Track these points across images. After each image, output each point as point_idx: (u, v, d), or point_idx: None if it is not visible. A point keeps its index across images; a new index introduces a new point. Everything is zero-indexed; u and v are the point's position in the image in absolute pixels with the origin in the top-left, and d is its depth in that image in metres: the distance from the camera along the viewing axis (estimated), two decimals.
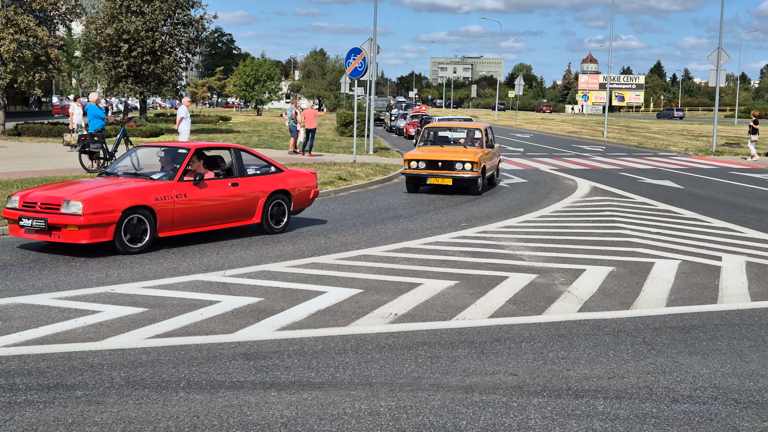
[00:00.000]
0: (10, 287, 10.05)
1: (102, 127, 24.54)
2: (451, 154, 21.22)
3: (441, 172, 20.68)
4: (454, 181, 20.68)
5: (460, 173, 20.55)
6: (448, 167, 20.70)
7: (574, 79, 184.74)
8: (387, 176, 24.69)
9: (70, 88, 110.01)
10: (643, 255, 12.82)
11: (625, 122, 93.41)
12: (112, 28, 47.17)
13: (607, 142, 50.34)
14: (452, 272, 11.33)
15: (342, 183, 22.15)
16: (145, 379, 6.86)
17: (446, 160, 20.76)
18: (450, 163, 20.72)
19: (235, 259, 12.13)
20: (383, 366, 7.32)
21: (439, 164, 20.80)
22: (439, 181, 20.77)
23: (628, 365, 7.48)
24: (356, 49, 30.63)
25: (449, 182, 20.69)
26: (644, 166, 31.96)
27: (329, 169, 25.42)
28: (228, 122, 65.80)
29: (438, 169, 20.73)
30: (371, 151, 34.59)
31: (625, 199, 20.31)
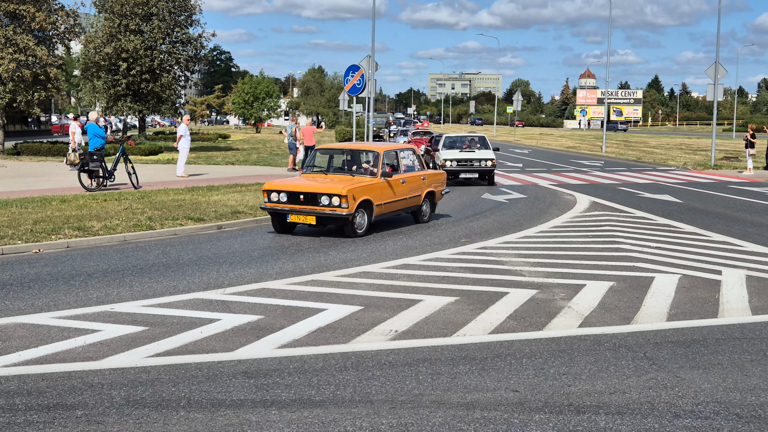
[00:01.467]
0: (9, 306, 10.04)
1: (101, 146, 24.56)
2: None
3: None
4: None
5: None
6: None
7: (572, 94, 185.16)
8: None
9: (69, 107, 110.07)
10: (643, 269, 12.81)
11: (623, 137, 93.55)
12: (110, 47, 47.28)
13: (605, 157, 50.40)
14: (452, 288, 11.32)
15: None
16: (145, 399, 6.84)
17: None
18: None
19: (235, 276, 12.12)
20: (384, 383, 7.30)
21: None
22: None
23: (630, 380, 7.46)
24: (355, 66, 30.72)
25: None
26: (643, 180, 31.99)
27: None
28: (227, 140, 65.87)
29: None
30: None
31: (625, 214, 20.31)
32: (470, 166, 28.70)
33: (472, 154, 29.15)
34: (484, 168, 28.58)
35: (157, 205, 19.71)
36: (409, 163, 18.58)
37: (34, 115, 49.95)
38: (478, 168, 28.64)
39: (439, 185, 19.22)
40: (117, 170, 25.09)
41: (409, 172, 18.17)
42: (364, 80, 30.47)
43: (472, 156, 28.92)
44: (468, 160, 28.71)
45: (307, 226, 16.56)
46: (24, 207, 18.72)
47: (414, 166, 18.61)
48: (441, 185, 19.37)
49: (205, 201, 20.67)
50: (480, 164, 28.59)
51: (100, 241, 15.11)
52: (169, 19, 49.45)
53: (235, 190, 23.49)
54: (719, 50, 40.60)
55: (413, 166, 18.60)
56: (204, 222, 17.28)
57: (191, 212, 18.37)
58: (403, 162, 18.24)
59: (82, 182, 23.39)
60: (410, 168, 18.39)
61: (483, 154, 29.01)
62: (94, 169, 23.57)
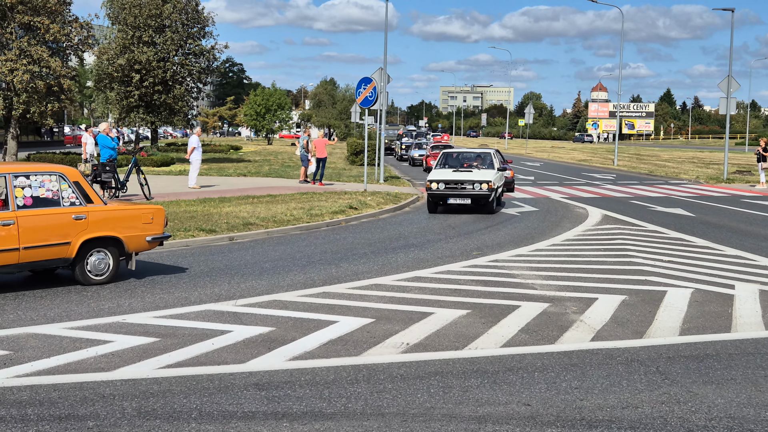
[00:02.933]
0: (22, 317, 10.06)
1: (113, 157, 24.64)
2: None
3: None
4: None
5: None
6: None
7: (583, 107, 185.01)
8: (398, 205, 24.71)
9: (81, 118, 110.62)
10: (656, 283, 12.76)
11: (635, 150, 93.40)
12: (123, 59, 47.49)
13: (617, 170, 50.33)
14: (464, 301, 11.30)
15: (353, 212, 22.17)
16: (157, 410, 6.84)
17: None
18: None
19: (247, 288, 12.12)
20: (395, 396, 7.29)
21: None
22: None
23: (642, 395, 7.42)
24: (367, 78, 30.77)
25: None
26: (655, 194, 31.91)
27: (340, 198, 25.46)
28: (239, 151, 66.01)
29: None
30: (382, 180, 34.65)
31: (637, 227, 20.26)
32: (461, 189, 23.13)
33: (467, 174, 23.68)
34: (478, 193, 22.97)
35: (169, 216, 19.74)
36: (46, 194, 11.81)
37: (47, 126, 50.18)
38: (471, 193, 23.01)
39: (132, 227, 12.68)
40: (129, 181, 25.17)
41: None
42: (376, 93, 30.51)
43: (464, 177, 23.40)
44: (458, 183, 23.20)
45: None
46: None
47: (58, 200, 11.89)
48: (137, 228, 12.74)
49: (216, 212, 20.71)
50: (474, 188, 23.03)
51: None
52: (182, 31, 49.67)
53: (246, 202, 23.53)
54: (732, 64, 40.55)
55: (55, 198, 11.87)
56: (216, 233, 17.30)
57: (203, 223, 18.40)
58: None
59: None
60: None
61: (480, 175, 23.49)
62: (107, 180, 23.65)
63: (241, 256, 15.21)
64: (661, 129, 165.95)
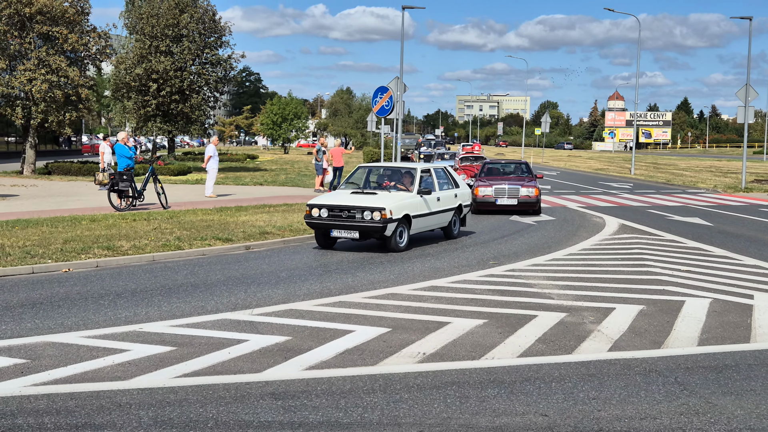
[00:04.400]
0: (39, 325, 10.09)
1: (130, 166, 24.74)
2: None
3: None
4: None
5: None
6: None
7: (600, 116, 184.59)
8: None
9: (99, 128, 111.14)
10: (674, 293, 12.69)
11: (652, 159, 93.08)
12: (141, 68, 47.72)
13: (634, 179, 50.17)
14: (481, 311, 11.26)
15: None
16: (173, 419, 6.84)
17: None
18: None
19: (263, 297, 12.12)
20: (412, 406, 7.26)
21: None
22: None
23: (661, 406, 7.37)
24: (383, 87, 30.82)
25: None
26: (672, 203, 31.78)
27: None
28: (255, 160, 66.18)
29: None
30: None
31: (654, 237, 20.17)
32: (348, 218, 17.11)
33: (361, 198, 17.38)
34: (369, 225, 16.86)
35: (186, 225, 19.80)
36: None
37: (65, 135, 50.45)
38: (360, 224, 16.93)
39: None
40: (146, 190, 25.26)
41: None
42: (393, 102, 30.54)
43: (353, 203, 17.20)
44: (346, 210, 17.15)
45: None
46: (54, 226, 18.86)
47: None
48: None
49: (233, 221, 20.75)
50: (364, 217, 16.91)
51: (129, 260, 15.19)
52: (199, 41, 49.88)
53: (263, 211, 23.57)
54: (750, 72, 40.37)
55: None
56: (232, 242, 17.33)
57: (219, 232, 18.44)
58: None
59: (111, 202, 23.55)
60: None
61: (374, 201, 17.15)
62: (124, 189, 23.74)
63: (257, 265, 15.22)
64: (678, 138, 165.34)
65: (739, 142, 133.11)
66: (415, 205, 17.85)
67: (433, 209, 18.61)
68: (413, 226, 17.78)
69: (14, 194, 29.11)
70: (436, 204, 18.72)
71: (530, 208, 25.96)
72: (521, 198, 25.84)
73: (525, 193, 25.85)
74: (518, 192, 25.85)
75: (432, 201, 18.58)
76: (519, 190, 25.88)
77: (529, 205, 25.87)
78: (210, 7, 51.45)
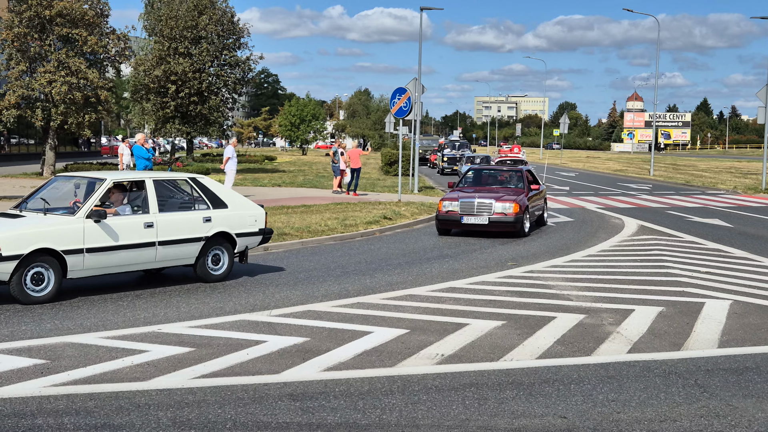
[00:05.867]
0: (59, 326, 10.14)
1: (148, 168, 24.80)
2: None
3: None
4: None
5: None
6: None
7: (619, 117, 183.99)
8: (432, 215, 24.64)
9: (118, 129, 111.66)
10: (693, 295, 12.62)
11: (671, 160, 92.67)
12: (160, 70, 47.88)
13: (653, 180, 49.95)
14: (499, 312, 11.23)
15: (387, 222, 22.15)
16: (192, 420, 6.85)
17: None
18: None
19: (281, 298, 12.14)
20: (430, 408, 7.25)
21: None
22: None
23: (681, 408, 7.33)
24: (401, 88, 30.80)
25: None
26: (692, 204, 31.62)
27: (374, 208, 25.45)
28: (273, 162, 66.30)
29: None
30: (416, 190, 34.63)
31: (674, 238, 20.07)
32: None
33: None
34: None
35: None
36: None
37: (85, 136, 50.67)
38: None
39: None
40: None
41: None
42: (411, 103, 30.53)
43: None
44: None
45: None
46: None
47: None
48: None
49: None
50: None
51: None
52: (217, 42, 50.00)
53: (281, 212, 23.59)
54: None
55: None
56: None
57: None
58: None
59: None
60: None
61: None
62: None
63: (275, 266, 15.24)
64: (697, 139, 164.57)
65: (760, 142, 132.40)
66: (72, 235, 11.90)
67: (132, 241, 12.46)
68: (71, 266, 11.88)
69: None
70: (143, 233, 12.59)
71: (506, 229, 20.04)
72: (494, 216, 19.88)
73: (500, 210, 19.87)
74: (491, 208, 19.96)
75: (128, 228, 12.46)
76: (492, 206, 19.95)
77: (505, 225, 19.92)
78: (228, 8, 51.55)
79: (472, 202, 20.15)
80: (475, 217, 19.94)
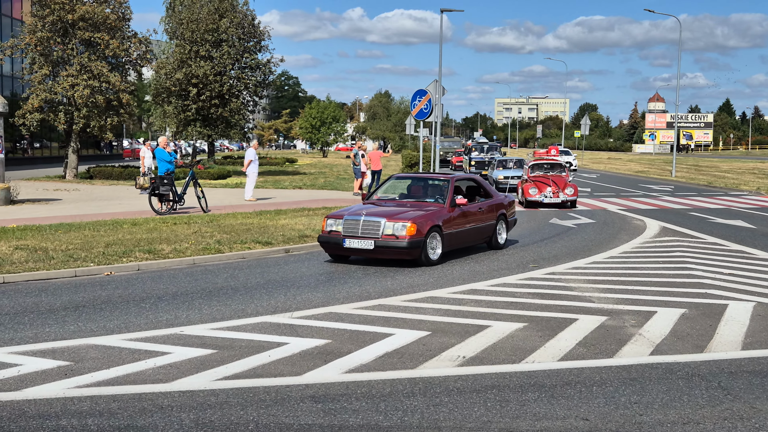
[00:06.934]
0: (82, 328, 10.20)
1: (170, 170, 24.92)
2: None
3: None
4: None
5: None
6: None
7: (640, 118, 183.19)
8: None
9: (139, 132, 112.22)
10: (716, 296, 12.55)
11: (693, 161, 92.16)
12: (181, 73, 48.10)
13: (675, 182, 49.69)
14: (520, 314, 11.21)
15: None
16: (214, 422, 6.88)
17: None
18: None
19: (303, 300, 12.16)
20: (452, 410, 7.24)
21: None
22: None
23: (704, 411, 7.29)
24: (422, 90, 30.81)
25: None
26: (715, 205, 31.43)
27: None
28: (294, 164, 66.45)
29: None
30: None
31: (696, 240, 19.96)
32: None
33: None
34: None
35: (226, 228, 19.91)
36: None
37: (107, 139, 51.01)
38: None
39: None
40: (186, 194, 25.44)
41: None
42: (431, 105, 30.53)
43: None
44: None
45: None
46: (96, 230, 19.05)
47: None
48: None
49: (272, 225, 20.83)
50: None
51: (170, 264, 15.30)
52: (238, 45, 50.18)
53: (302, 214, 23.64)
54: None
55: None
56: (272, 246, 17.40)
57: (259, 236, 18.52)
58: None
59: (152, 206, 23.76)
60: None
61: None
62: (165, 192, 23.94)
63: (296, 268, 15.27)
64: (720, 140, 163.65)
65: None
66: None
67: None
68: None
69: (57, 198, 29.47)
70: None
71: (397, 256, 15.48)
72: (382, 240, 15.29)
73: (389, 231, 15.33)
74: (379, 228, 15.37)
75: None
76: (381, 226, 15.36)
77: (395, 251, 15.32)
78: (249, 11, 51.77)
79: (357, 220, 15.60)
80: (359, 241, 15.39)
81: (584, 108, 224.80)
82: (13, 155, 54.83)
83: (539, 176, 30.43)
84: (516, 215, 19.58)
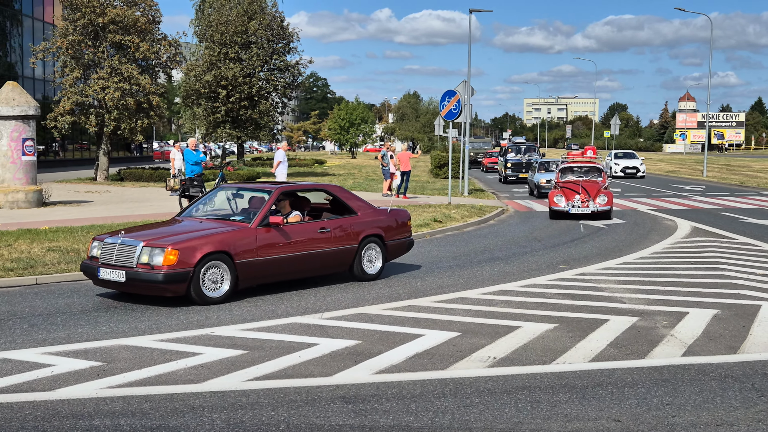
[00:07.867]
0: (114, 329, 10.28)
1: (200, 172, 25.04)
2: None
3: None
4: None
5: None
6: None
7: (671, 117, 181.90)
8: (483, 218, 24.58)
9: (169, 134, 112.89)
10: (749, 297, 12.43)
11: (725, 160, 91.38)
12: (210, 75, 48.33)
13: (707, 182, 49.28)
14: (551, 315, 11.17)
15: (437, 225, 22.13)
16: (245, 422, 6.90)
17: None
18: None
19: (332, 301, 12.18)
20: (482, 411, 7.23)
21: None
22: None
23: (737, 412, 7.22)
24: (451, 91, 30.76)
25: None
26: (747, 205, 31.14)
27: (424, 211, 25.44)
28: (323, 165, 66.57)
29: None
30: (466, 193, 34.55)
31: (728, 240, 19.78)
32: None
33: None
34: None
35: None
36: None
37: (137, 141, 51.37)
38: None
39: None
40: None
41: None
42: (461, 105, 30.48)
43: None
44: None
45: None
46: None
47: None
48: None
49: None
50: None
51: None
52: (267, 47, 50.34)
53: None
54: None
55: None
56: None
57: None
58: None
59: (182, 207, 23.87)
60: None
61: None
62: (194, 194, 24.07)
63: None
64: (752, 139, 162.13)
65: None
66: None
67: None
68: None
69: (88, 200, 29.69)
70: None
71: (152, 292, 11.91)
72: (134, 271, 11.68)
73: (145, 260, 11.71)
74: (133, 256, 11.79)
75: None
76: (136, 253, 11.78)
77: (150, 286, 11.73)
78: (278, 13, 51.95)
79: (113, 244, 12.17)
80: (112, 271, 11.90)
81: (614, 108, 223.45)
82: (44, 158, 55.30)
83: (569, 182, 26.43)
84: (410, 236, 15.31)
